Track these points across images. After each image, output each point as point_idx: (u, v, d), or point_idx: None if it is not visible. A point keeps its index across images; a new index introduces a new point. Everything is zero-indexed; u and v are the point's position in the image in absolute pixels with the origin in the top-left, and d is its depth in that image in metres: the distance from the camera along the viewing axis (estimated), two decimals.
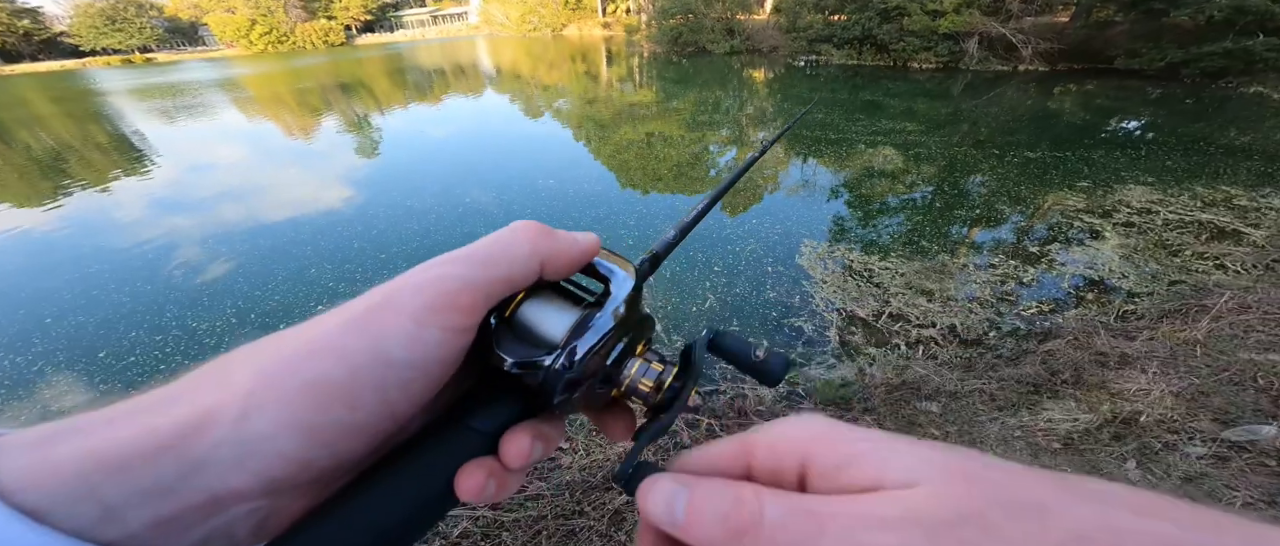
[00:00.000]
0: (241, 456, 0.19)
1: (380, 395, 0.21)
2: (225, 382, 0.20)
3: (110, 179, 7.03)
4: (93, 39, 50.53)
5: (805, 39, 17.48)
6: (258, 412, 0.19)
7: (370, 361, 0.21)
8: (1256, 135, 6.65)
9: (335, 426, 0.20)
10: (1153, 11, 11.76)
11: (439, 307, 0.22)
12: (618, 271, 0.28)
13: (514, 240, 0.25)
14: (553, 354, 0.24)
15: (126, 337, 3.21)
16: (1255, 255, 3.35)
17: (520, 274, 0.25)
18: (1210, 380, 1.78)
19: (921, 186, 5.33)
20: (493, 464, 0.24)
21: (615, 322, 0.26)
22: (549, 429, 0.26)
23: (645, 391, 0.27)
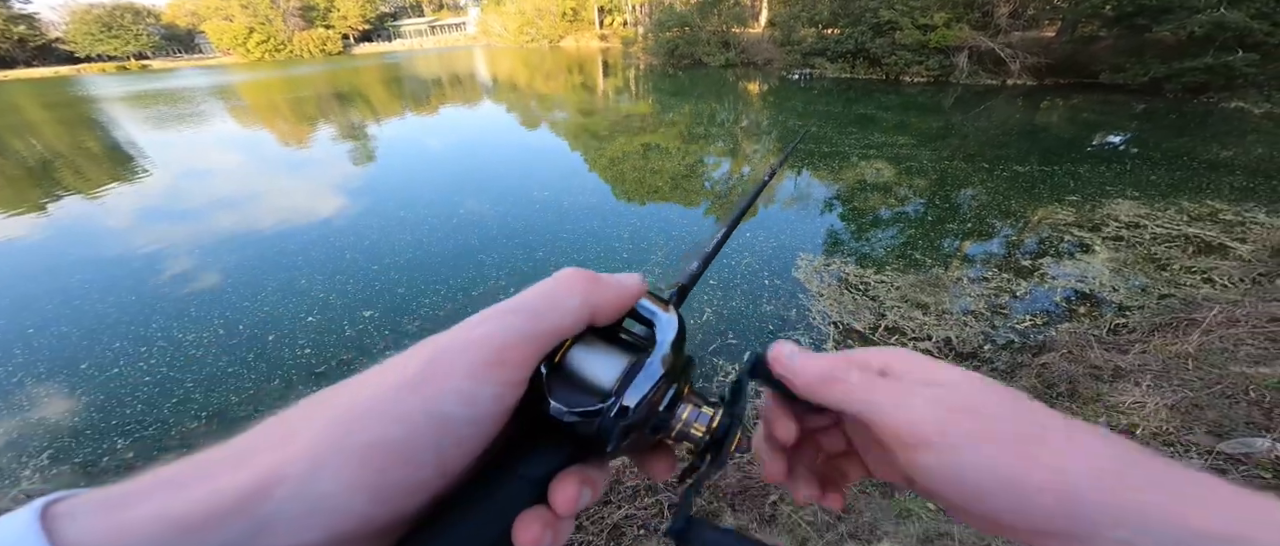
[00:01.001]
0: (307, 513, 0.19)
1: (437, 453, 0.22)
2: (289, 441, 0.21)
3: (99, 187, 6.96)
4: (88, 45, 50.40)
5: (799, 52, 17.76)
6: (322, 473, 0.20)
7: (427, 421, 0.22)
8: (1238, 150, 6.80)
9: (397, 486, 0.21)
10: (1136, 27, 12.07)
11: (493, 363, 0.23)
12: (660, 314, 0.28)
13: (564, 290, 0.26)
14: (608, 402, 0.25)
15: (110, 348, 3.15)
16: (1242, 269, 3.40)
17: (571, 324, 0.26)
18: (1203, 393, 1.79)
19: (915, 200, 5.38)
20: (547, 514, 0.24)
21: (665, 369, 0.26)
22: (596, 473, 0.26)
23: (698, 436, 0.27)
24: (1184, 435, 1.60)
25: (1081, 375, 2.20)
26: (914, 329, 3.01)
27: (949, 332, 2.96)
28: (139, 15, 53.62)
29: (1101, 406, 1.84)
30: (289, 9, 48.63)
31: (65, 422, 2.60)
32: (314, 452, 0.20)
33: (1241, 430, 1.56)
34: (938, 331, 2.98)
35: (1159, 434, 1.62)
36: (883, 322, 3.08)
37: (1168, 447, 1.56)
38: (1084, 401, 1.94)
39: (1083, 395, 2.01)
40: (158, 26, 55.79)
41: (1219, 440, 1.53)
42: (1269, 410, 1.64)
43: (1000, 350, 2.82)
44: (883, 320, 3.11)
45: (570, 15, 41.41)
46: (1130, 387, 1.96)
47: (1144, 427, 1.65)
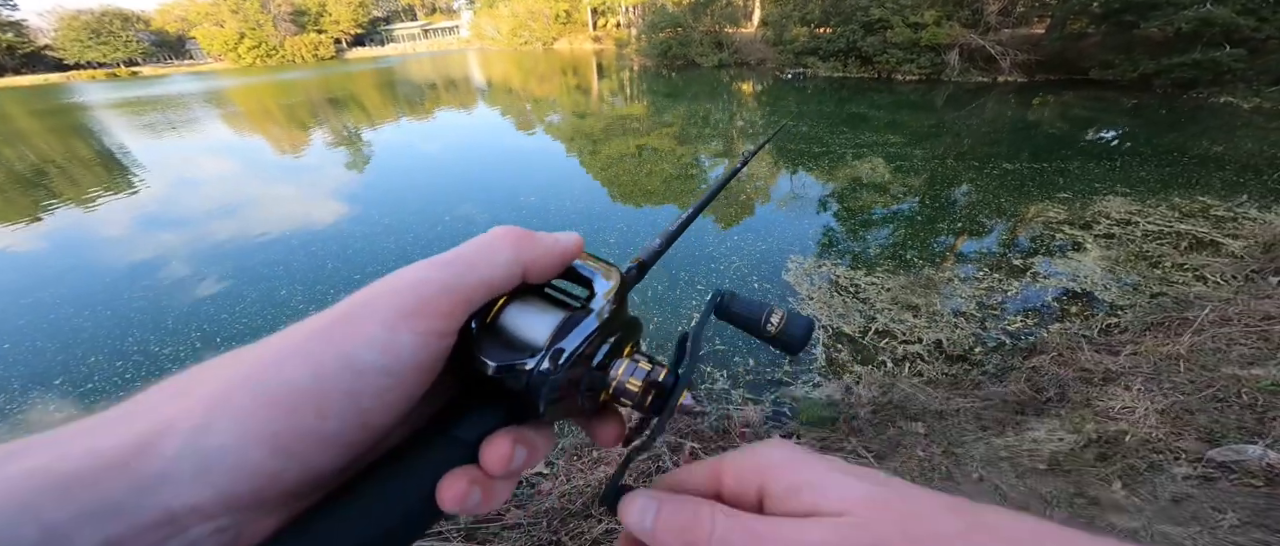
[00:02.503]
0: (200, 470, 0.18)
1: (352, 402, 0.20)
2: (183, 395, 0.19)
3: (76, 197, 6.87)
4: (77, 52, 50.00)
5: (792, 52, 17.77)
6: (217, 423, 0.18)
7: (339, 367, 0.20)
8: (1228, 145, 6.82)
9: (304, 436, 0.19)
10: (1124, 24, 12.13)
11: (413, 313, 0.21)
12: (599, 274, 0.28)
13: (494, 244, 0.25)
14: (536, 356, 0.24)
15: (85, 363, 3.08)
16: (1234, 266, 3.38)
17: (501, 278, 0.25)
18: (1195, 397, 1.76)
19: (906, 199, 5.36)
20: (475, 472, 0.23)
21: (600, 324, 0.25)
22: (535, 435, 0.25)
23: (634, 391, 0.26)
24: (1174, 441, 1.56)
25: (1071, 379, 2.17)
26: (904, 331, 2.98)
27: (940, 335, 2.92)
28: (128, 21, 53.22)
29: (1090, 412, 1.81)
30: (280, 13, 48.38)
31: None
32: (210, 402, 0.19)
33: (1233, 435, 1.53)
34: (928, 334, 2.94)
35: (1148, 440, 1.58)
36: (873, 326, 3.04)
37: (1157, 455, 1.52)
38: (1073, 406, 1.91)
39: (1072, 400, 1.98)
40: (147, 32, 55.37)
41: (1210, 446, 1.49)
42: (1262, 414, 1.60)
43: (990, 352, 2.78)
44: (873, 323, 3.07)
45: (563, 17, 41.37)
46: (1120, 391, 1.93)
47: (1133, 434, 1.61)
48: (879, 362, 2.72)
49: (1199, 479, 1.39)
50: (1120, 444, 1.60)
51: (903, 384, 2.43)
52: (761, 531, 0.21)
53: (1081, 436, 1.66)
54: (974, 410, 2.04)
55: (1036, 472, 1.56)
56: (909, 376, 2.56)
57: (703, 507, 0.22)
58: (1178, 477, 1.41)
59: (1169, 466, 1.48)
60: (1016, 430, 1.82)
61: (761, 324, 0.29)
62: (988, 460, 1.69)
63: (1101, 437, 1.64)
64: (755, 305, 0.30)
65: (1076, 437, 1.67)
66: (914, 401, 2.22)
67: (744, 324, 0.30)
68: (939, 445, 1.82)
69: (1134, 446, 1.57)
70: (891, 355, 2.78)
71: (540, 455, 0.26)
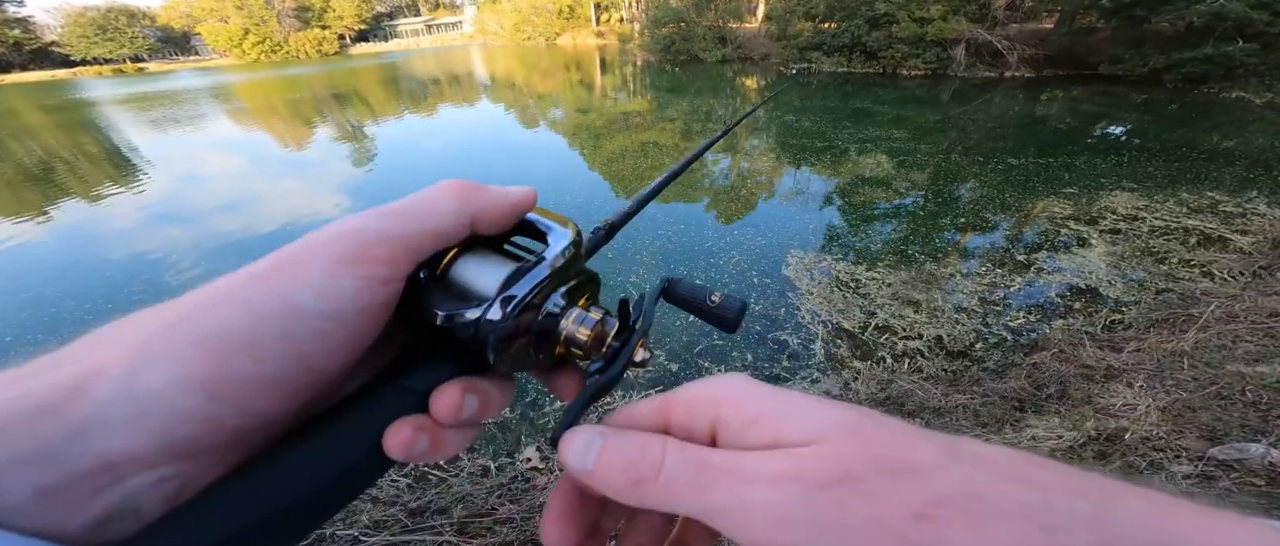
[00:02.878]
0: (134, 415, 0.17)
1: (290, 346, 0.20)
2: (116, 340, 0.19)
3: (84, 194, 6.91)
4: (84, 48, 50.31)
5: (796, 47, 17.64)
6: (149, 367, 0.18)
7: (277, 310, 0.19)
8: (1239, 140, 6.72)
9: (241, 380, 0.19)
10: (1134, 18, 11.94)
11: (354, 258, 0.21)
12: (556, 226, 0.27)
13: (439, 195, 0.25)
14: (483, 305, 0.23)
15: None
16: (1242, 262, 3.33)
17: (447, 228, 0.24)
18: (1198, 394, 1.73)
19: (910, 195, 5.31)
20: (423, 420, 0.22)
21: (551, 272, 0.25)
22: (488, 386, 0.25)
23: (584, 340, 0.26)
24: (1175, 439, 1.54)
25: (1072, 375, 2.14)
26: (904, 327, 2.95)
27: (940, 330, 2.90)
28: (134, 17, 53.48)
29: (1091, 409, 1.78)
30: (284, 9, 48.46)
31: None
32: (142, 346, 0.18)
33: (1236, 434, 1.50)
34: (929, 329, 2.91)
35: (1148, 438, 1.56)
36: (873, 321, 3.02)
37: (1157, 453, 1.50)
38: (1073, 403, 1.88)
39: (1072, 397, 1.95)
40: (153, 29, 55.63)
41: (1211, 444, 1.47)
42: (1266, 412, 1.58)
43: (991, 348, 2.75)
44: (873, 319, 3.04)
45: (566, 13, 41.21)
46: (1122, 388, 1.90)
47: (1133, 431, 1.59)
48: (878, 358, 2.70)
49: (1199, 477, 1.36)
50: (1120, 441, 1.58)
51: (902, 380, 2.41)
52: (716, 464, 0.19)
53: (1081, 434, 1.63)
54: (973, 407, 2.02)
55: None
56: (908, 372, 2.54)
57: (651, 441, 0.21)
58: (1178, 476, 1.39)
59: (1169, 464, 1.46)
60: (1015, 427, 1.80)
61: (704, 301, 0.30)
62: None
63: (1101, 435, 1.62)
64: (699, 288, 0.31)
65: (1076, 435, 1.65)
66: (913, 398, 2.20)
67: (688, 304, 0.31)
68: None
69: (1134, 444, 1.55)
70: (891, 351, 2.76)
71: (494, 406, 0.25)
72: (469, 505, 1.76)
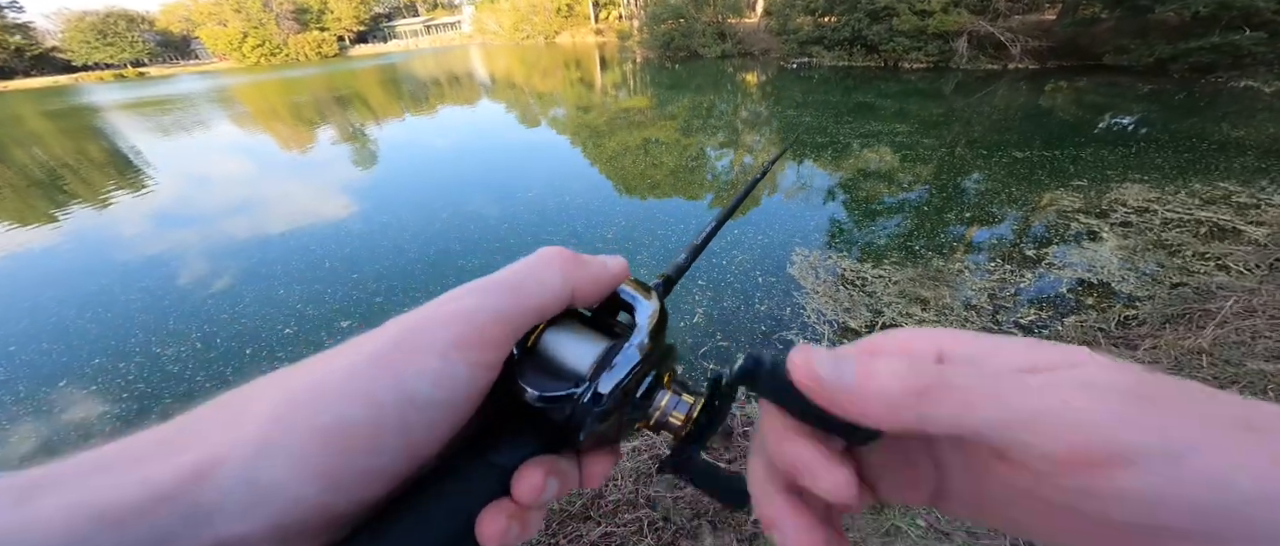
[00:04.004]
0: (252, 503, 0.17)
1: (404, 436, 0.20)
2: (235, 423, 0.19)
3: (88, 199, 6.90)
4: (85, 54, 50.48)
5: (796, 41, 17.50)
6: (271, 457, 0.18)
7: (396, 402, 0.19)
8: (1249, 129, 6.61)
9: (356, 471, 0.19)
10: (1137, 8, 11.79)
11: (467, 343, 0.21)
12: (641, 300, 0.27)
13: (545, 267, 0.24)
14: (581, 387, 0.23)
15: (89, 365, 3.09)
16: (1258, 254, 3.25)
17: (551, 303, 0.24)
18: None
19: (914, 189, 5.24)
20: (512, 507, 0.22)
21: (642, 355, 0.25)
22: (567, 466, 0.24)
23: (677, 425, 0.26)
24: None
25: None
26: (912, 325, 2.89)
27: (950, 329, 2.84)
28: (133, 22, 53.59)
29: None
30: (282, 12, 48.47)
31: (41, 443, 2.54)
32: (263, 434, 0.18)
33: None
34: (938, 328, 2.85)
35: None
36: (880, 320, 2.97)
37: None
38: None
39: None
40: (152, 33, 55.74)
41: None
42: None
43: None
44: (880, 317, 2.99)
45: (565, 11, 41.08)
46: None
47: None
48: None
49: None
50: None
51: None
52: (1012, 380, 0.17)
53: None
54: None
55: None
56: None
57: (915, 357, 0.19)
58: None
59: None
60: None
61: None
62: None
63: None
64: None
65: None
66: None
67: (783, 403, 0.23)
68: None
69: None
70: None
71: (570, 486, 0.25)
72: None
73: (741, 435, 2.07)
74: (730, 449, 1.93)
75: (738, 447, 1.98)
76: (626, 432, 0.27)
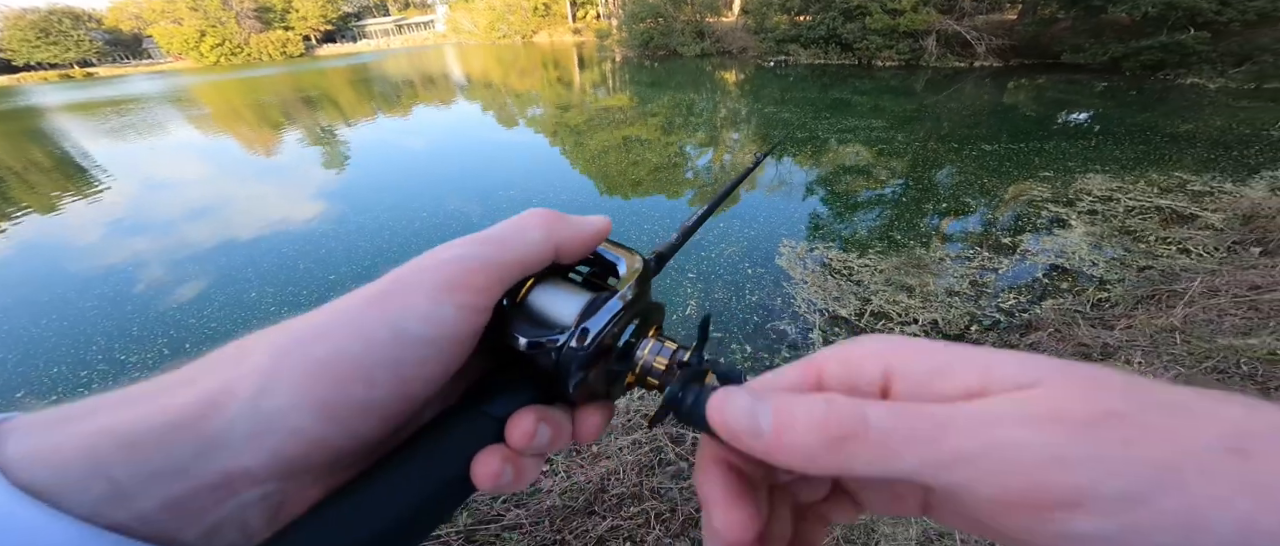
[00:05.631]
0: (257, 433, 0.19)
1: (396, 372, 0.21)
2: (241, 360, 0.20)
3: (35, 205, 6.47)
4: (26, 53, 47.37)
5: (773, 40, 17.76)
6: (274, 388, 0.19)
7: (388, 337, 0.21)
8: (1198, 123, 7.02)
9: (351, 404, 0.20)
10: (1092, 8, 12.39)
11: (455, 286, 0.22)
12: (622, 258, 0.28)
13: (529, 224, 0.26)
14: (565, 334, 0.24)
15: (47, 374, 2.89)
16: (1215, 238, 3.45)
17: (535, 256, 0.25)
18: (1196, 369, 1.76)
19: (893, 182, 5.38)
20: (507, 450, 0.23)
21: (624, 304, 0.26)
22: (560, 416, 0.25)
23: (660, 369, 0.27)
24: None
25: (1071, 354, 2.17)
26: (900, 312, 2.96)
27: (935, 315, 2.92)
28: (78, 20, 50.53)
29: None
30: (243, 10, 46.48)
31: None
32: (266, 366, 0.19)
33: None
34: (924, 314, 2.93)
35: None
36: (868, 308, 3.02)
37: None
38: None
39: None
40: (100, 31, 52.67)
41: None
42: (1264, 384, 1.61)
43: (987, 331, 2.78)
44: (868, 305, 3.05)
45: (542, 10, 40.66)
46: (1121, 365, 1.92)
47: None
48: None
49: None
50: None
51: None
52: (940, 412, 0.16)
53: None
54: None
55: None
56: None
57: (835, 397, 0.17)
58: None
59: None
60: None
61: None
62: None
63: None
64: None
65: None
66: None
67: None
68: None
69: None
70: None
71: (564, 437, 0.25)
72: (475, 513, 1.69)
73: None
74: None
75: None
76: (618, 387, 0.28)
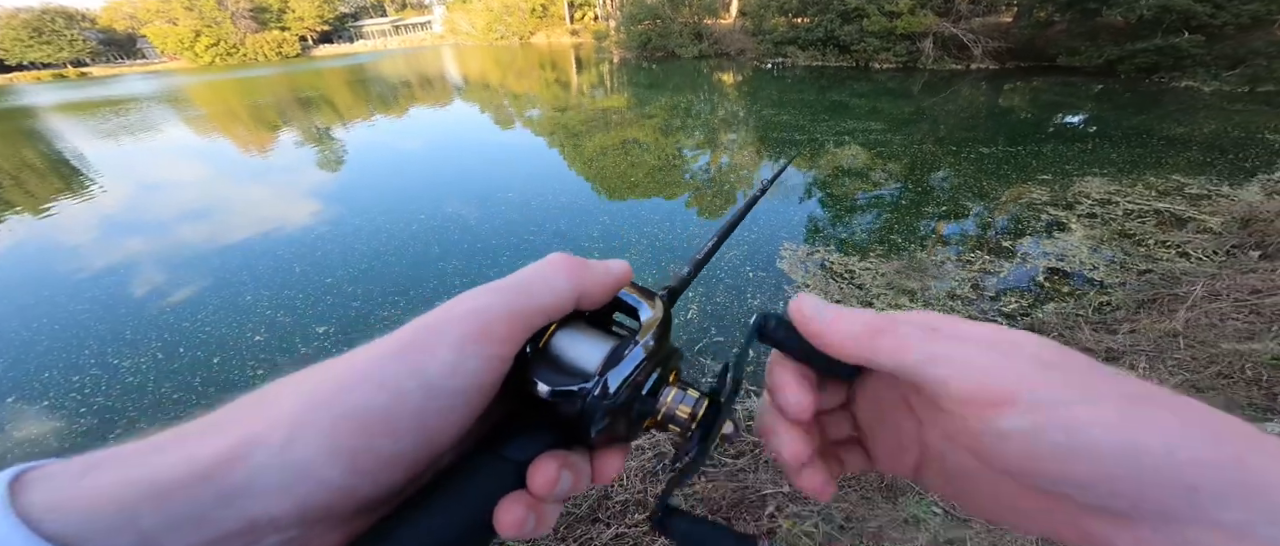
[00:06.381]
0: (283, 483, 0.19)
1: (421, 423, 0.21)
2: (269, 409, 0.20)
3: (27, 208, 6.39)
4: (19, 53, 46.93)
5: (771, 42, 17.79)
6: (302, 439, 0.19)
7: (414, 389, 0.21)
8: (1192, 126, 7.06)
9: (377, 455, 0.20)
10: (1087, 11, 12.46)
11: (480, 336, 0.23)
12: (644, 304, 0.28)
13: (552, 271, 0.26)
14: (590, 382, 0.24)
15: (39, 379, 2.85)
16: (1214, 242, 3.45)
17: (559, 304, 0.25)
18: (1201, 375, 1.75)
19: (891, 184, 5.37)
20: (528, 497, 0.24)
21: (647, 353, 0.26)
22: (581, 461, 0.26)
23: (683, 418, 0.27)
24: None
25: None
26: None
27: None
28: (72, 19, 50.12)
29: None
30: (239, 10, 46.24)
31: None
32: (293, 418, 0.20)
33: (1248, 413, 1.52)
34: None
35: None
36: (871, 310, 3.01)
37: None
38: None
39: None
40: (94, 31, 52.27)
41: None
42: (1269, 389, 1.60)
43: None
44: (870, 307, 3.02)
45: (540, 11, 40.63)
46: (1127, 370, 1.91)
47: None
48: None
49: None
50: None
51: None
52: (942, 326, 0.23)
53: None
54: None
55: None
56: None
57: (882, 316, 0.24)
58: None
59: None
60: None
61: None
62: None
63: None
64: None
65: None
66: None
67: (788, 346, 0.28)
68: None
69: None
70: None
71: (584, 480, 0.25)
72: None
73: (744, 429, 2.05)
74: (735, 442, 1.91)
75: (743, 443, 1.96)
76: (636, 430, 0.28)
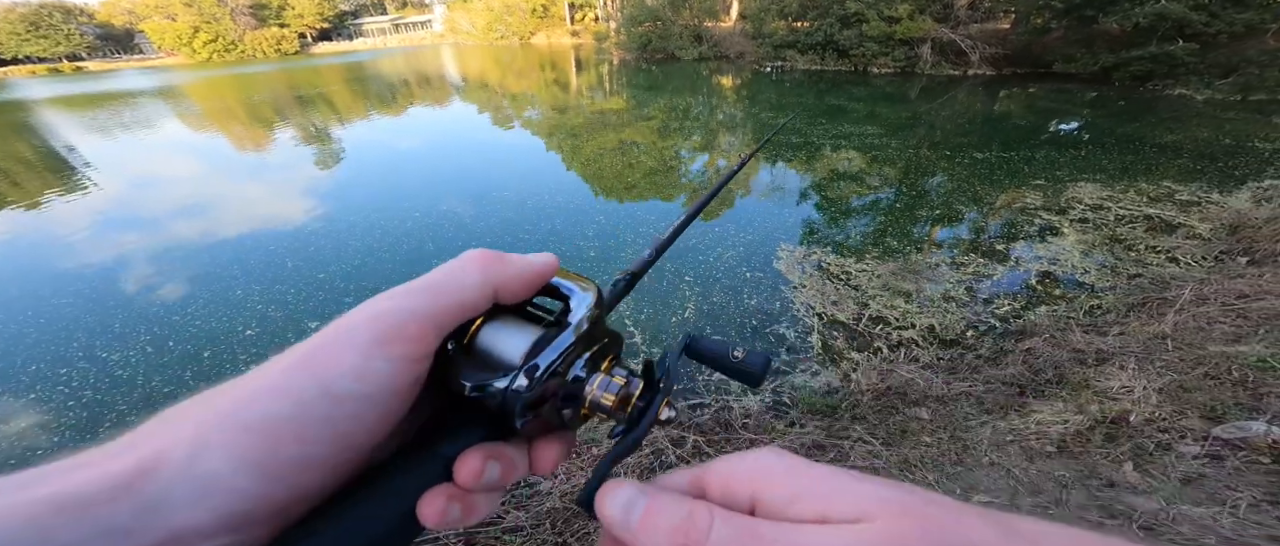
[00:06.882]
0: (196, 495, 0.19)
1: (331, 428, 0.21)
2: (176, 426, 0.21)
3: (17, 200, 6.34)
4: (15, 46, 46.60)
5: (771, 45, 17.88)
6: (206, 452, 0.20)
7: (316, 397, 0.21)
8: (1184, 134, 7.13)
9: (288, 462, 0.21)
10: (1084, 18, 12.58)
11: (385, 340, 0.22)
12: (576, 289, 0.28)
13: (463, 268, 0.26)
14: (509, 375, 0.24)
15: (25, 372, 2.82)
16: (1203, 247, 3.49)
17: (471, 300, 0.25)
18: (1189, 375, 1.77)
19: (887, 188, 5.41)
20: (453, 489, 0.24)
21: (575, 339, 0.26)
22: (511, 451, 0.26)
23: (608, 405, 0.27)
24: (1178, 420, 1.56)
25: (1066, 360, 2.18)
26: (897, 318, 2.97)
27: (932, 320, 2.92)
28: (69, 14, 49.81)
29: (1091, 393, 1.80)
30: (238, 6, 46.08)
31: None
32: (198, 433, 0.20)
33: (1233, 413, 1.54)
34: (920, 319, 2.94)
35: (1152, 420, 1.58)
36: (866, 312, 3.03)
37: (1163, 434, 1.52)
38: (1073, 388, 1.91)
39: (1070, 381, 1.98)
40: (92, 26, 51.98)
41: (1213, 424, 1.49)
42: (1255, 390, 1.62)
43: (983, 336, 2.79)
44: (866, 310, 3.05)
45: (541, 11, 40.67)
46: (1116, 371, 1.93)
47: (1137, 413, 1.61)
48: (875, 349, 2.70)
49: (1208, 457, 1.38)
50: (1126, 424, 1.59)
51: (901, 369, 2.41)
52: (767, 534, 0.19)
53: (1086, 417, 1.64)
54: (976, 394, 2.02)
55: (1046, 455, 1.54)
56: (906, 362, 2.54)
57: (698, 506, 0.21)
58: (1187, 456, 1.40)
59: (1176, 445, 1.47)
60: (1020, 413, 1.81)
61: (727, 357, 0.30)
62: (995, 443, 1.67)
63: (1106, 418, 1.64)
64: (721, 343, 0.31)
65: (1081, 418, 1.66)
66: (914, 387, 2.20)
67: (711, 360, 0.30)
68: (945, 430, 1.79)
69: (1139, 426, 1.57)
70: (887, 341, 2.76)
71: (518, 471, 0.26)
72: None
73: (741, 427, 2.06)
74: (732, 440, 1.92)
75: (739, 440, 1.97)
76: (574, 419, 0.27)
